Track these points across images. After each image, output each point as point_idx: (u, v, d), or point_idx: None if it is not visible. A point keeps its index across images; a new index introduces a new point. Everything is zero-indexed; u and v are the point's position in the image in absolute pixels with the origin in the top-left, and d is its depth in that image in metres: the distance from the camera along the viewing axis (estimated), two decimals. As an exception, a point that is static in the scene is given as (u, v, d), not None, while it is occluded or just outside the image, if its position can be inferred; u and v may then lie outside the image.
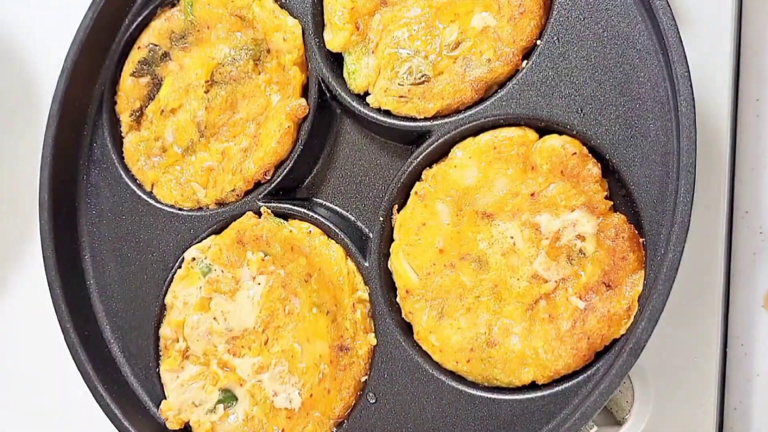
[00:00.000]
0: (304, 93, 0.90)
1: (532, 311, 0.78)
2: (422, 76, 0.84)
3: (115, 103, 0.99)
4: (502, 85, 0.82)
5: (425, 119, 0.84)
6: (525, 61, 0.81)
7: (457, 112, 0.83)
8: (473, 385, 0.80)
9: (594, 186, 0.77)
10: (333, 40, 0.88)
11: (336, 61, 0.90)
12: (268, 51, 0.92)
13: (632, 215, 0.77)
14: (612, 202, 0.77)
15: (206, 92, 0.93)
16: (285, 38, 0.90)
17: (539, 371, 0.77)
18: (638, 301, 0.74)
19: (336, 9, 0.88)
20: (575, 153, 0.77)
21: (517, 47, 0.81)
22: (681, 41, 0.73)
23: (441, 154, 0.83)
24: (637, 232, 0.76)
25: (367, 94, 0.87)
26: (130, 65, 0.98)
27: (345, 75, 0.88)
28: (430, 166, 0.84)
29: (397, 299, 0.84)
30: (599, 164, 0.77)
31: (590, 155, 0.78)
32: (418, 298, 0.82)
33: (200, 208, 0.93)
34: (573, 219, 0.77)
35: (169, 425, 0.89)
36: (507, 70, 0.81)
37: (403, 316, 0.83)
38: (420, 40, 0.85)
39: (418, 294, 0.82)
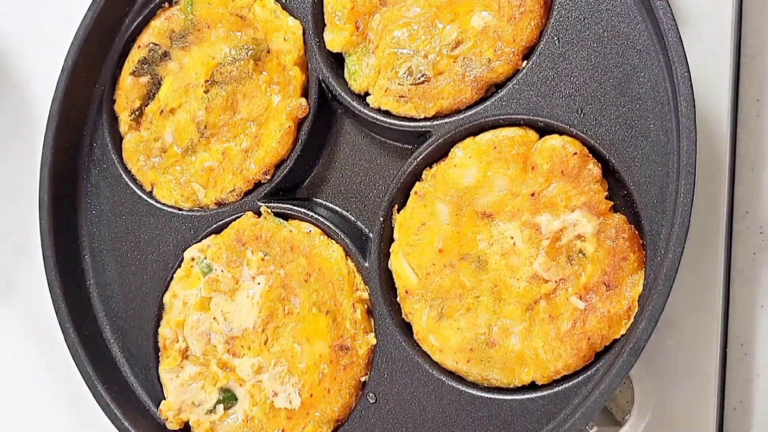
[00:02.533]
0: (305, 93, 0.90)
1: (532, 311, 0.78)
2: (422, 76, 0.84)
3: (115, 102, 0.99)
4: (501, 85, 0.82)
5: (425, 119, 0.84)
6: (525, 61, 0.81)
7: (457, 112, 0.83)
8: (473, 385, 0.80)
9: (594, 186, 0.77)
10: (333, 41, 0.88)
11: (336, 61, 0.90)
12: (268, 51, 0.92)
13: (632, 215, 0.77)
14: (612, 203, 0.77)
15: (206, 92, 0.93)
16: (286, 38, 0.90)
17: (539, 371, 0.77)
18: (638, 301, 0.74)
19: (336, 9, 0.88)
20: (576, 153, 0.77)
21: (518, 47, 0.81)
22: (681, 41, 0.73)
23: (441, 154, 0.83)
24: (637, 232, 0.76)
25: (367, 94, 0.87)
26: (130, 64, 0.98)
27: (345, 75, 0.88)
28: (430, 166, 0.84)
29: (397, 299, 0.84)
30: (599, 164, 0.77)
31: (590, 155, 0.78)
32: (418, 298, 0.82)
33: (200, 208, 0.93)
34: (573, 219, 0.77)
35: (169, 425, 0.89)
36: (507, 69, 0.81)
37: (403, 316, 0.83)
38: (420, 40, 0.85)
39: (418, 294, 0.82)
